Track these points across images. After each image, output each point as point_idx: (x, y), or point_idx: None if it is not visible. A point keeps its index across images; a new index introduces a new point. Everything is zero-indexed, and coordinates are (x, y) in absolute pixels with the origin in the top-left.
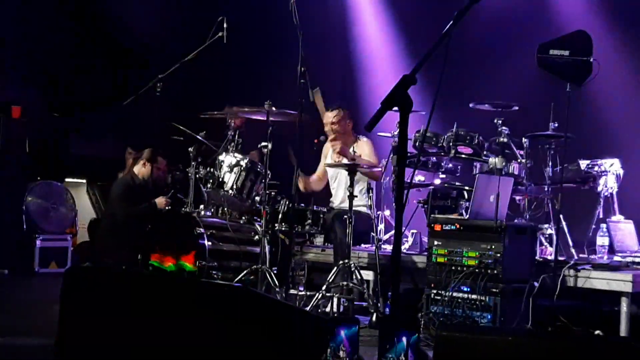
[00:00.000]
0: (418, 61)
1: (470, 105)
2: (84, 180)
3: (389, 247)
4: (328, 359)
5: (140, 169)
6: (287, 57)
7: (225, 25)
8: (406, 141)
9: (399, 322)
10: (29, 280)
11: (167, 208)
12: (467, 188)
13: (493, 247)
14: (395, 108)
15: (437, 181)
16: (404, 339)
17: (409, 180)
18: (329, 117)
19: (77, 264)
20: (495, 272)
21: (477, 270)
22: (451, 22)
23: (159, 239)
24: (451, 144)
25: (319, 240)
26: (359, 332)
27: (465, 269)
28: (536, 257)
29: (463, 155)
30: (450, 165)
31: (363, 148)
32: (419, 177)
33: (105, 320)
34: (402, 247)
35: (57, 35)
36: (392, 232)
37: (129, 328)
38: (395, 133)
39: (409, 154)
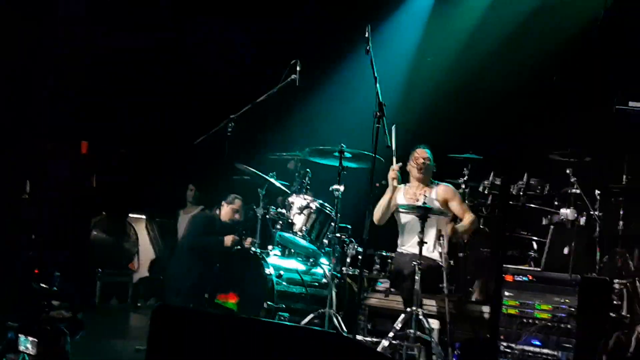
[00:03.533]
0: None
1: (542, 154)
2: (144, 216)
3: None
4: None
5: (222, 212)
6: (361, 100)
7: (298, 68)
8: (508, 191)
9: None
10: (91, 314)
11: (236, 247)
12: (535, 238)
13: (567, 300)
14: None
15: None
16: None
17: None
18: (424, 152)
19: (140, 299)
20: (569, 326)
21: (549, 324)
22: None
23: (226, 277)
24: (521, 193)
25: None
26: None
27: (537, 322)
28: (610, 313)
29: (533, 205)
30: None
31: (450, 195)
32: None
33: None
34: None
35: (130, 73)
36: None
37: None
38: (464, 179)
39: (476, 202)
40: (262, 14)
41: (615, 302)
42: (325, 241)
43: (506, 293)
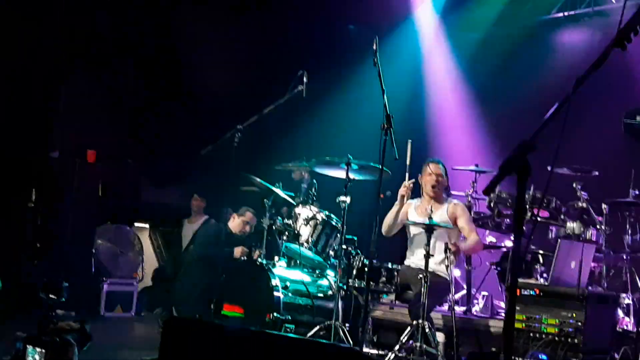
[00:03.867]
0: (537, 127)
1: (549, 168)
2: (147, 225)
3: (457, 309)
4: None
5: (232, 224)
6: (368, 112)
7: (305, 80)
8: (524, 206)
9: None
10: (95, 324)
11: (242, 258)
12: (541, 252)
13: (574, 315)
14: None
15: (509, 243)
16: None
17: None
18: (437, 169)
19: (144, 309)
20: (576, 341)
21: (556, 338)
22: (572, 87)
23: (232, 288)
24: (527, 206)
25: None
26: None
27: (544, 336)
28: (617, 328)
29: (539, 219)
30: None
31: (459, 212)
32: (491, 239)
33: None
34: (473, 309)
35: (136, 82)
36: (462, 292)
37: None
38: (470, 192)
39: (482, 215)
40: (270, 24)
41: (622, 316)
42: (332, 253)
43: None
